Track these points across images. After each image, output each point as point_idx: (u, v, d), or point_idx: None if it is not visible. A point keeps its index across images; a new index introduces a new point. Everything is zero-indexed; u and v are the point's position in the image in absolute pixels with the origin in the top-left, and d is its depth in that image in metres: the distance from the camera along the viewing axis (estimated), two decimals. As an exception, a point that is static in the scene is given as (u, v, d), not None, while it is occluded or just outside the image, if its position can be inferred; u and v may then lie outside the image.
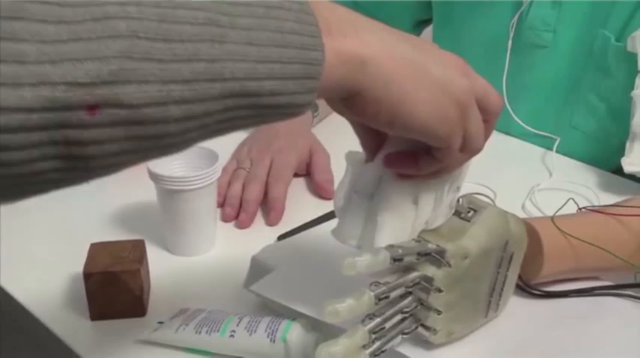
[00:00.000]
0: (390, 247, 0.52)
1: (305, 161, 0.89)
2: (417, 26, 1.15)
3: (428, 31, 1.14)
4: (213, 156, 0.74)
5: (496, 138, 1.01)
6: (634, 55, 0.84)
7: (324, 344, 0.49)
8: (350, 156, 0.56)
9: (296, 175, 0.88)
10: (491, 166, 0.91)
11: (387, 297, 0.52)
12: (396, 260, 0.51)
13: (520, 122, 0.96)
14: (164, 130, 0.37)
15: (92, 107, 0.34)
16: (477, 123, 0.48)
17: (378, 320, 0.52)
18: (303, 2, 0.41)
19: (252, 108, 0.39)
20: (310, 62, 0.40)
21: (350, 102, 0.44)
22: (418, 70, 0.45)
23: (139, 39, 0.35)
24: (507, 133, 1.01)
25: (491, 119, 0.51)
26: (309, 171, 0.89)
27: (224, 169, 0.86)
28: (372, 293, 0.51)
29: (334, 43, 0.41)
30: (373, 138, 0.53)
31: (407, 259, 0.52)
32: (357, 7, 1.09)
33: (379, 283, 0.52)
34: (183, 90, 0.36)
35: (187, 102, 0.37)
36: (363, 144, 0.54)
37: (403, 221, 0.53)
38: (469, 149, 0.50)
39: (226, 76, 0.37)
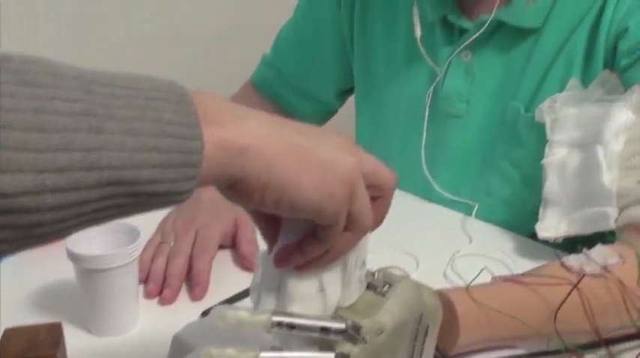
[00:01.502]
0: (284, 313, 0.50)
1: (230, 233, 0.89)
2: (341, 95, 1.18)
3: (351, 100, 1.17)
4: (134, 233, 0.73)
5: (418, 205, 1.05)
6: (542, 125, 0.87)
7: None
8: (260, 253, 0.56)
9: (221, 247, 0.88)
10: (413, 233, 0.93)
11: None
12: (285, 326, 0.49)
13: (439, 189, 0.99)
14: (39, 219, 0.37)
15: None
16: (363, 201, 0.49)
17: None
18: (183, 94, 0.42)
19: (130, 196, 0.40)
20: (189, 151, 0.41)
21: (235, 189, 0.45)
22: (302, 153, 0.46)
23: (13, 130, 0.35)
24: (429, 200, 1.03)
25: (385, 194, 0.51)
26: (234, 243, 0.89)
27: (148, 243, 0.86)
28: (261, 354, 0.48)
29: (214, 132, 0.42)
30: (271, 225, 0.53)
31: (306, 332, 0.51)
32: (281, 79, 1.13)
33: (276, 348, 0.50)
34: (58, 179, 0.37)
35: (62, 190, 0.37)
36: (263, 233, 0.54)
37: (313, 310, 0.53)
38: (357, 228, 0.50)
39: (102, 165, 0.38)
